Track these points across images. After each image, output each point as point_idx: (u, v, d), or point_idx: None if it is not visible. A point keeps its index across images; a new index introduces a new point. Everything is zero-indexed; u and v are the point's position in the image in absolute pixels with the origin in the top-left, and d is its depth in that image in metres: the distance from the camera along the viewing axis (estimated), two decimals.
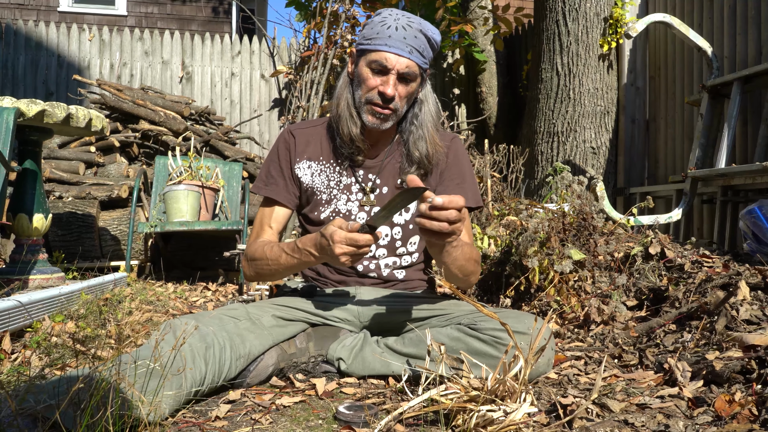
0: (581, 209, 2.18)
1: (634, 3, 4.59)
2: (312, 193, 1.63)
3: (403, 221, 1.63)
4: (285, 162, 1.63)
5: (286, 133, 1.65)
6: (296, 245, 1.44)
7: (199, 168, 3.91)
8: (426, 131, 1.55)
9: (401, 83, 1.48)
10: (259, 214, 1.66)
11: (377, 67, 1.47)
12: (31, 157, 2.67)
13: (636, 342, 1.66)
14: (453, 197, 1.20)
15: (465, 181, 1.63)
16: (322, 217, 1.62)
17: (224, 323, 1.39)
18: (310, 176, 1.62)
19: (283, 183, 1.62)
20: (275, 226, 1.62)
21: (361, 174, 1.62)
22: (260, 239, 1.59)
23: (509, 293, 2.19)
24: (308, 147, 1.63)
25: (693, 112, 4.17)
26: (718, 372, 1.26)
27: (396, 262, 1.64)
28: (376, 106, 1.49)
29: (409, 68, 1.46)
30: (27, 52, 5.98)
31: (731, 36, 3.82)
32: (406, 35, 1.45)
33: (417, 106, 1.57)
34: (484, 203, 3.36)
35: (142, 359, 1.16)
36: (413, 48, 1.46)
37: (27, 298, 1.88)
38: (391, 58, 1.45)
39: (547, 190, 4.52)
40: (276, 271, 1.53)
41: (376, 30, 1.47)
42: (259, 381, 1.44)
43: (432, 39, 1.49)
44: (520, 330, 1.33)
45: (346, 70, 1.59)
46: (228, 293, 3.47)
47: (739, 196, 3.49)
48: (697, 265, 1.92)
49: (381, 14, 1.50)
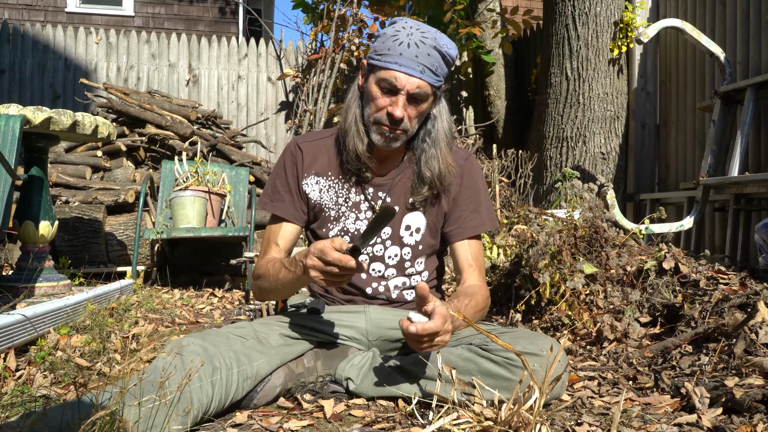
0: (593, 222, 2.14)
1: (644, 7, 4.54)
2: (320, 209, 1.58)
3: (413, 242, 1.58)
4: (292, 177, 1.57)
5: (293, 146, 1.59)
6: (294, 258, 1.39)
7: (205, 173, 3.89)
8: (439, 150, 1.49)
9: (411, 104, 1.41)
10: (266, 230, 1.61)
11: (387, 86, 1.40)
12: (38, 164, 2.66)
13: (651, 363, 1.62)
14: (427, 325, 1.17)
15: (480, 205, 1.58)
16: (330, 234, 1.57)
17: (231, 342, 1.37)
18: (318, 192, 1.57)
19: (290, 199, 1.57)
20: (282, 243, 1.57)
21: (371, 192, 1.56)
22: (267, 257, 1.55)
23: (520, 307, 2.16)
24: (316, 161, 1.57)
25: (704, 118, 4.12)
26: (738, 400, 1.22)
27: (405, 282, 1.60)
28: (384, 126, 1.43)
29: (420, 88, 1.39)
30: (34, 55, 5.98)
31: (744, 41, 3.77)
32: (419, 53, 1.38)
33: (430, 122, 1.50)
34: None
35: (147, 383, 1.14)
36: (425, 67, 1.39)
37: (32, 312, 1.86)
38: (401, 78, 1.38)
39: (555, 196, 4.48)
40: (276, 288, 1.47)
41: (387, 45, 1.40)
42: (267, 402, 1.41)
43: (447, 55, 1.42)
44: (533, 352, 1.30)
45: (357, 82, 1.53)
46: (234, 300, 3.45)
47: (752, 204, 3.44)
48: (713, 281, 1.88)
49: (394, 26, 1.42)
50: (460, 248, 1.56)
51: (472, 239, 1.56)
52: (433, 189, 1.52)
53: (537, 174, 4.79)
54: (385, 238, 1.57)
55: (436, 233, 1.60)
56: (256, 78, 6.36)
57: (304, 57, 6.35)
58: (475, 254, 1.56)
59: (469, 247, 1.56)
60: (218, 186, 3.93)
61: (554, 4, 4.65)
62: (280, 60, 6.40)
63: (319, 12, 6.60)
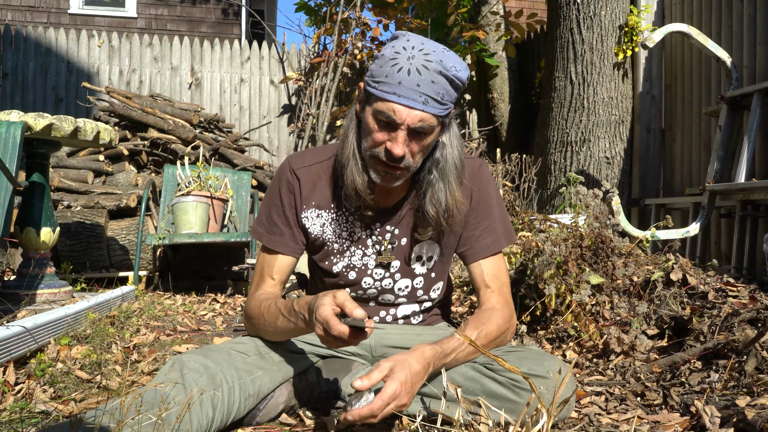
0: (600, 232, 2.11)
1: (650, 11, 4.51)
2: (322, 243, 1.45)
3: (425, 270, 1.48)
4: (289, 208, 1.43)
5: (288, 172, 1.42)
6: (293, 307, 1.27)
7: (207, 178, 3.88)
8: (447, 183, 1.32)
9: (414, 138, 1.23)
10: (259, 260, 1.47)
11: (384, 120, 1.21)
12: (39, 170, 2.65)
13: (659, 378, 1.59)
14: (362, 411, 1.08)
15: (494, 222, 1.44)
16: (335, 269, 1.47)
17: (233, 359, 1.34)
18: (320, 226, 1.43)
19: (289, 232, 1.43)
20: (278, 277, 1.45)
21: (378, 226, 1.43)
22: (260, 292, 1.44)
23: (525, 318, 2.13)
24: (315, 191, 1.42)
25: (710, 122, 4.08)
26: (749, 421, 1.19)
27: (415, 309, 1.54)
28: (382, 163, 1.26)
29: (424, 122, 1.21)
30: (37, 58, 5.97)
31: (751, 45, 3.73)
32: (421, 80, 1.18)
33: (438, 151, 1.32)
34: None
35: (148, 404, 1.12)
36: (428, 97, 1.19)
37: (32, 323, 1.84)
38: (400, 111, 1.20)
39: (560, 201, 4.45)
40: (275, 335, 1.38)
41: (385, 71, 1.21)
42: (269, 419, 1.39)
43: (455, 78, 1.21)
44: (539, 374, 1.27)
45: (354, 108, 1.34)
46: (236, 305, 3.43)
47: (759, 210, 3.41)
48: (722, 293, 1.86)
49: (394, 46, 1.22)
50: (475, 269, 1.45)
51: (488, 258, 1.44)
52: (438, 227, 1.38)
53: (541, 178, 4.76)
54: (394, 271, 1.47)
55: (450, 256, 1.51)
56: (258, 81, 6.35)
57: (307, 60, 6.33)
58: (492, 274, 1.44)
59: (484, 267, 1.44)
60: (220, 191, 3.92)
61: (559, 7, 4.62)
62: (282, 63, 6.39)
63: (321, 15, 6.59)
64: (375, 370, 1.14)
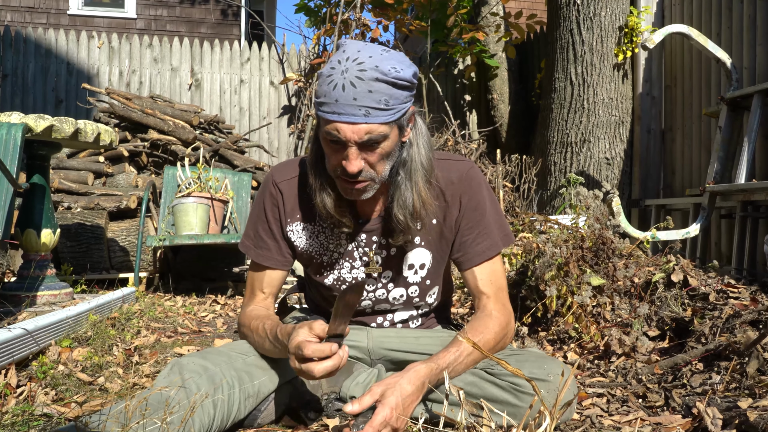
0: (601, 234, 2.12)
1: (650, 12, 4.51)
2: (309, 257, 1.45)
3: (419, 279, 1.46)
4: (275, 222, 1.42)
5: (272, 186, 1.41)
6: (277, 334, 1.27)
7: (208, 179, 3.88)
8: (413, 183, 1.29)
9: (368, 150, 1.20)
10: (249, 273, 1.49)
11: (333, 140, 1.19)
12: (40, 172, 2.65)
13: (661, 380, 1.59)
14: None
15: (488, 225, 1.40)
16: (326, 282, 1.46)
17: (232, 360, 1.34)
18: (306, 240, 1.42)
19: (275, 246, 1.43)
20: (268, 290, 1.46)
21: (363, 237, 1.40)
22: (251, 306, 1.45)
23: (526, 320, 2.13)
24: (299, 204, 1.41)
25: (710, 123, 4.09)
26: (752, 423, 1.19)
27: (413, 314, 1.53)
28: (345, 181, 1.24)
29: (371, 133, 1.17)
30: (37, 60, 5.97)
31: (751, 46, 3.73)
32: (357, 93, 1.14)
33: (405, 150, 1.29)
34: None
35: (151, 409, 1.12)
36: (369, 108, 1.15)
37: (33, 325, 1.84)
38: (344, 129, 1.16)
39: (560, 201, 4.46)
40: (265, 353, 1.38)
41: (323, 89, 1.18)
42: (270, 420, 1.39)
43: (397, 80, 1.16)
44: (540, 377, 1.26)
45: (316, 132, 1.30)
46: (237, 307, 3.43)
47: (759, 211, 3.41)
48: (723, 295, 1.86)
49: (331, 61, 1.19)
50: (470, 276, 1.42)
51: (483, 263, 1.41)
52: (407, 234, 1.35)
53: (541, 179, 4.76)
54: (386, 281, 1.45)
55: (443, 262, 1.49)
56: (258, 82, 6.35)
57: (307, 61, 6.33)
58: (487, 279, 1.41)
59: (478, 274, 1.41)
60: (221, 192, 3.92)
61: (559, 8, 4.63)
62: (282, 64, 6.39)
63: (321, 16, 6.59)
64: (366, 395, 1.15)
